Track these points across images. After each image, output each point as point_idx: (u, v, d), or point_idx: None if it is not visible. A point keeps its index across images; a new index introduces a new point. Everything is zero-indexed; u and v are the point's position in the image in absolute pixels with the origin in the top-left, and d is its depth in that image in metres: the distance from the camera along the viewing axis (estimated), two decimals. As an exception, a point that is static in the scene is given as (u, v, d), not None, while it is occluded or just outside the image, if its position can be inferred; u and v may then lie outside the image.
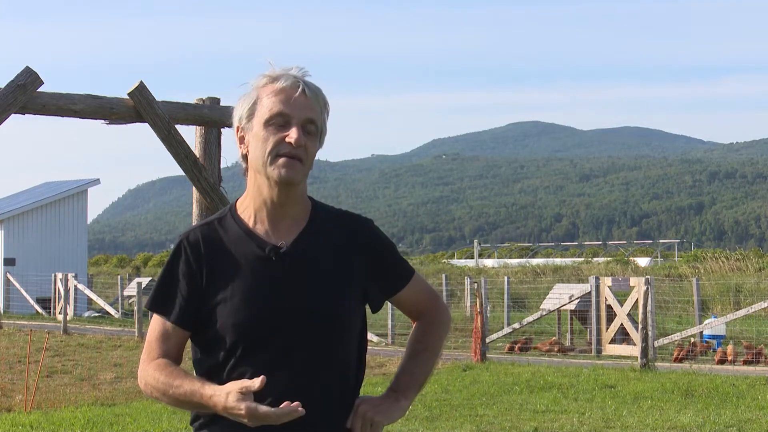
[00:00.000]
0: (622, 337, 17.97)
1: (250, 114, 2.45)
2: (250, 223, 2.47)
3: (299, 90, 2.42)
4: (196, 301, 2.43)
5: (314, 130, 2.44)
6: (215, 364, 2.42)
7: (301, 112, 2.41)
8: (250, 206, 2.49)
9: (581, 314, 19.45)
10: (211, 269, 2.44)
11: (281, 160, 2.40)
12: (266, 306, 2.39)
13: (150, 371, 2.42)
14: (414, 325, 2.68)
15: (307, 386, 2.39)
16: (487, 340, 16.99)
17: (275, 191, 2.44)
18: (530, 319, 19.07)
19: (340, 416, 2.46)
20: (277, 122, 2.41)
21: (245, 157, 2.49)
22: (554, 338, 19.30)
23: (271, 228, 2.47)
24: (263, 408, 2.25)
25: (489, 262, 52.75)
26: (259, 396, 2.33)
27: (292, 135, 2.39)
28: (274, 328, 2.34)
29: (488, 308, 19.51)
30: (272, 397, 2.34)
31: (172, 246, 2.54)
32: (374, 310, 2.62)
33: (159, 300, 2.47)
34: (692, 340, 17.35)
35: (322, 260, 2.47)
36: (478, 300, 17.25)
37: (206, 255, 2.45)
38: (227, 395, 2.28)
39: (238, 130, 2.49)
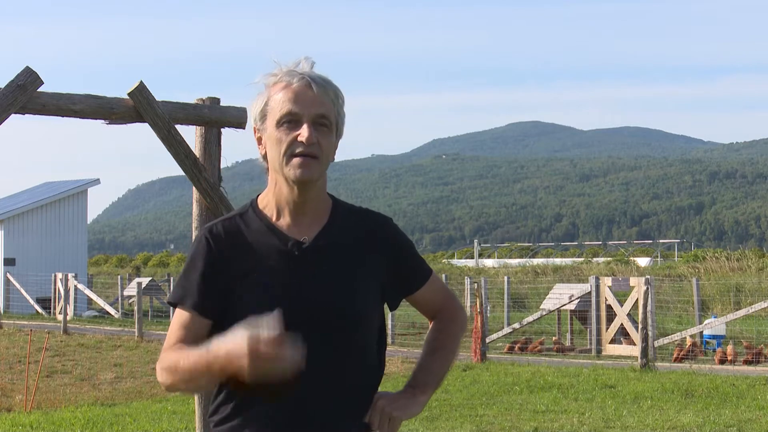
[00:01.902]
0: (622, 337, 17.97)
1: (263, 115, 2.45)
2: (273, 219, 2.48)
3: (307, 86, 2.40)
4: (218, 289, 2.40)
5: (327, 125, 2.43)
6: None
7: (311, 109, 2.39)
8: (271, 202, 2.49)
9: (581, 314, 19.44)
10: (234, 260, 2.42)
11: (296, 160, 2.39)
12: (287, 301, 2.37)
13: (164, 355, 2.37)
14: (431, 324, 2.70)
15: (327, 382, 2.39)
16: (487, 340, 16.99)
17: (294, 190, 2.44)
18: (530, 319, 19.06)
19: (359, 412, 2.46)
20: (288, 122, 2.40)
21: (265, 157, 2.49)
22: (543, 338, 19.28)
23: (293, 224, 2.47)
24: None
25: (489, 262, 52.84)
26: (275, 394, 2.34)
27: (304, 133, 2.38)
28: (295, 324, 2.29)
29: (488, 308, 19.51)
30: (291, 394, 2.35)
31: (194, 241, 2.50)
32: (392, 308, 2.63)
33: (180, 293, 2.44)
34: (690, 340, 17.33)
35: (343, 257, 2.47)
36: (478, 300, 17.25)
37: (229, 247, 2.44)
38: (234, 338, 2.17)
39: (255, 131, 2.49)
